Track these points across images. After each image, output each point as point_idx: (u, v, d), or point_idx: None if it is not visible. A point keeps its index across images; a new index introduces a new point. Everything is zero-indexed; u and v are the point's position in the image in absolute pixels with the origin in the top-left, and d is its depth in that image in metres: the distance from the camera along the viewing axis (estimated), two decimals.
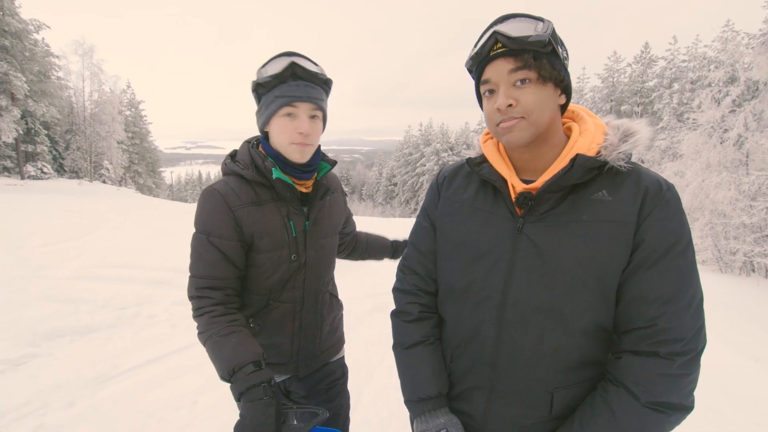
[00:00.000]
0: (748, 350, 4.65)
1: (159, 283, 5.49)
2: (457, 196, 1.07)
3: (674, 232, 0.84)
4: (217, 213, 1.22)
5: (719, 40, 20.56)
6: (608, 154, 0.88)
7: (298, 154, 1.25)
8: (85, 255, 6.26)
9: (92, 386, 2.99)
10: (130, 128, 34.30)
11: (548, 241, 0.90)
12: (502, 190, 0.97)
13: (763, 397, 3.30)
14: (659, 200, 0.85)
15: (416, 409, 1.07)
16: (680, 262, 0.84)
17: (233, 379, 1.12)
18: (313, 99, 1.23)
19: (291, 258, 1.32)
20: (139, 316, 4.44)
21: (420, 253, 1.14)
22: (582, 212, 0.88)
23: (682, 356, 0.82)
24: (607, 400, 0.87)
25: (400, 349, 1.14)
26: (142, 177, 35.94)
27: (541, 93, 0.88)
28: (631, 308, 0.87)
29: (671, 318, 0.83)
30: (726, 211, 11.50)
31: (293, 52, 1.23)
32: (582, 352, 0.92)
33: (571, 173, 0.87)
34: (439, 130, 45.06)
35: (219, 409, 2.78)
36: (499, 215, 0.97)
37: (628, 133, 0.91)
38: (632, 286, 0.86)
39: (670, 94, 22.71)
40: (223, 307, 1.24)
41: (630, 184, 0.88)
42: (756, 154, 11.35)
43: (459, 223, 1.04)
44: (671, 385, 0.82)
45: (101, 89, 28.67)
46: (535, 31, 0.85)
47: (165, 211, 12.24)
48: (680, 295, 0.83)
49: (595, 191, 0.89)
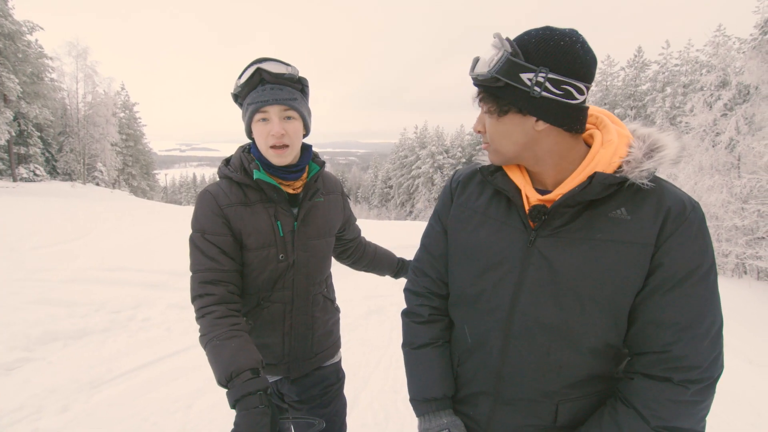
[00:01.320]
0: (742, 353, 4.70)
1: (154, 286, 5.45)
2: (470, 202, 1.06)
3: (695, 256, 0.81)
4: (209, 212, 1.28)
5: (711, 45, 20.79)
6: (630, 170, 0.84)
7: (276, 158, 1.27)
8: (80, 258, 6.22)
9: (87, 390, 2.96)
10: (124, 130, 34.10)
11: (560, 257, 0.88)
12: (515, 201, 0.95)
13: (756, 399, 3.34)
14: (681, 221, 0.81)
15: (421, 409, 1.08)
16: (700, 287, 0.81)
17: (230, 385, 1.10)
18: (282, 100, 1.23)
19: (279, 257, 1.33)
20: (134, 319, 4.41)
21: (432, 256, 1.14)
22: (598, 230, 0.85)
23: (696, 384, 0.81)
24: (616, 419, 0.86)
25: (409, 348, 1.14)
26: (136, 179, 35.72)
27: (500, 125, 0.89)
28: (646, 331, 0.85)
29: (687, 345, 0.81)
30: (718, 213, 11.62)
31: (262, 58, 1.25)
32: (589, 368, 0.90)
33: (588, 190, 0.84)
34: (434, 133, 45.19)
35: (215, 412, 2.77)
36: (511, 226, 0.96)
37: (654, 147, 0.86)
38: (648, 309, 0.84)
39: (663, 98, 22.95)
40: (225, 308, 1.24)
41: (651, 203, 0.84)
42: (747, 157, 11.49)
43: (471, 231, 1.03)
44: (683, 411, 0.81)
45: (95, 91, 28.50)
46: (488, 67, 0.86)
47: (159, 214, 12.17)
48: (698, 323, 0.81)
49: (613, 208, 0.85)
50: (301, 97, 1.30)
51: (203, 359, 3.61)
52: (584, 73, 0.83)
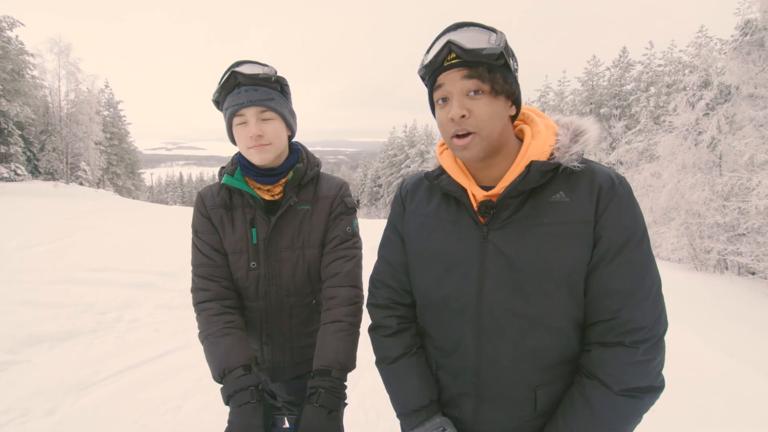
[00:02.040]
0: (724, 345, 4.82)
1: (141, 286, 5.39)
2: (420, 209, 1.08)
3: (628, 226, 0.88)
4: (198, 212, 1.35)
5: (693, 46, 21.23)
6: (561, 155, 0.91)
7: (257, 157, 1.25)
8: (65, 258, 6.11)
9: (73, 393, 2.93)
10: (109, 129, 33.45)
11: (513, 246, 0.92)
12: (463, 201, 0.98)
13: (738, 390, 3.44)
14: (612, 196, 0.88)
15: (411, 422, 1.06)
16: (636, 254, 0.87)
17: (224, 381, 1.15)
18: (257, 102, 1.21)
19: (250, 265, 1.31)
20: (121, 320, 4.36)
21: (391, 266, 1.14)
22: (543, 215, 0.91)
23: (645, 343, 0.86)
24: (584, 393, 0.91)
25: (384, 364, 1.13)
26: (121, 179, 35.09)
27: (493, 105, 0.90)
28: (596, 302, 0.90)
29: (633, 309, 0.87)
30: (701, 210, 11.88)
31: (240, 62, 1.25)
32: (560, 349, 0.95)
33: (528, 179, 0.89)
34: (423, 132, 45.31)
35: (205, 413, 2.76)
36: (464, 225, 0.98)
37: (578, 132, 0.93)
38: (595, 281, 0.90)
39: (647, 98, 23.33)
40: (219, 305, 1.27)
41: (585, 183, 0.90)
42: (728, 155, 11.75)
43: (426, 236, 1.05)
44: (639, 371, 0.86)
45: (78, 89, 27.90)
46: (489, 43, 0.86)
47: (146, 214, 12.01)
48: (639, 287, 0.87)
49: (552, 193, 0.91)
50: (279, 96, 1.28)
51: (192, 359, 3.60)
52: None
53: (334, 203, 1.37)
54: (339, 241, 1.34)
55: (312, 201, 1.35)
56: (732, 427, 2.85)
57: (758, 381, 3.74)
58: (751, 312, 6.82)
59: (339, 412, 1.15)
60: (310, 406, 1.11)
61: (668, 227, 12.79)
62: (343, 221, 1.36)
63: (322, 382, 1.15)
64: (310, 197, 1.36)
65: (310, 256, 1.34)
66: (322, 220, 1.35)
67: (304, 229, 1.33)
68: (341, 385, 1.17)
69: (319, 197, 1.36)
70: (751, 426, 2.88)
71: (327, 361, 1.18)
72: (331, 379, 1.16)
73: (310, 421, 1.09)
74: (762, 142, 9.42)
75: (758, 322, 6.25)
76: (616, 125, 23.17)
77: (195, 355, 3.53)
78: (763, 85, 10.87)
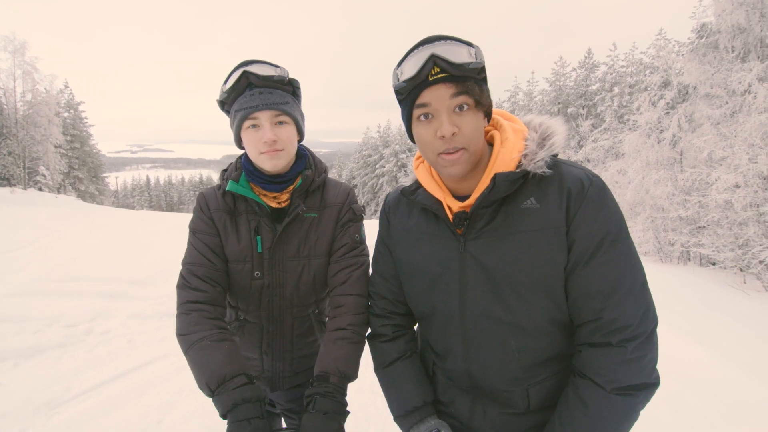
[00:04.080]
0: (692, 335, 5.04)
1: (112, 296, 5.16)
2: (403, 223, 1.10)
3: (601, 227, 0.87)
4: (200, 212, 1.28)
5: (654, 47, 22.20)
6: (528, 163, 0.91)
7: (269, 163, 1.19)
8: (26, 269, 5.78)
9: (44, 412, 2.76)
10: (69, 131, 31.92)
11: (489, 255, 0.93)
12: (439, 213, 0.99)
13: (706, 375, 3.60)
14: (582, 199, 0.88)
15: (406, 423, 1.10)
16: (612, 253, 0.87)
17: (220, 391, 1.02)
18: (272, 105, 1.16)
19: (254, 275, 1.26)
20: (91, 332, 4.15)
21: (384, 278, 1.18)
22: (515, 224, 0.91)
23: (633, 341, 0.86)
24: (578, 393, 0.92)
25: (381, 369, 1.17)
26: (84, 183, 33.55)
27: (477, 120, 0.90)
28: (578, 304, 0.91)
29: (615, 309, 0.87)
30: (664, 205, 12.43)
31: (249, 61, 1.18)
32: (546, 349, 0.97)
33: (495, 190, 0.89)
34: (397, 132, 45.43)
35: (187, 425, 2.66)
36: (443, 237, 1.00)
37: (546, 136, 0.94)
38: (575, 283, 0.90)
39: (612, 98, 24.20)
40: (213, 309, 1.18)
41: (554, 188, 0.90)
42: (689, 152, 12.34)
43: (410, 249, 1.07)
44: (630, 369, 0.87)
45: (35, 89, 26.45)
46: (471, 57, 0.86)
47: (112, 219, 11.52)
48: (619, 285, 0.87)
49: (524, 200, 0.92)
50: (292, 100, 1.23)
51: (171, 370, 3.46)
52: None
53: (342, 211, 1.33)
54: (347, 249, 1.30)
55: (319, 208, 1.31)
56: (701, 412, 2.98)
57: (724, 367, 3.93)
58: (715, 301, 7.17)
59: (338, 413, 1.08)
60: (308, 413, 1.07)
61: (635, 222, 13.29)
62: (351, 229, 1.32)
63: (318, 389, 1.11)
64: (317, 204, 1.31)
65: (316, 266, 1.30)
66: (329, 228, 1.31)
67: (310, 238, 1.29)
68: (339, 390, 1.12)
69: (327, 204, 1.32)
70: (721, 413, 3.02)
71: (326, 368, 1.14)
72: (328, 385, 1.11)
73: (310, 429, 1.04)
74: (719, 139, 9.93)
75: (722, 310, 6.57)
76: (582, 124, 23.95)
77: (173, 366, 3.40)
78: (719, 85, 11.47)
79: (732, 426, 2.80)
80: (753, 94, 9.58)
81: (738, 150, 9.01)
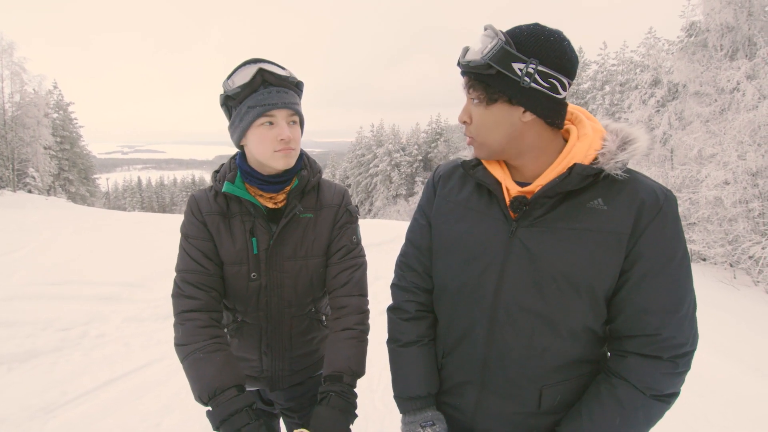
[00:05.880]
0: None
1: (107, 299, 5.11)
2: (452, 195, 1.08)
3: (672, 244, 0.88)
4: (191, 216, 1.26)
5: (644, 46, 22.40)
6: (605, 161, 0.89)
7: (284, 161, 1.20)
8: (18, 273, 5.71)
9: (40, 417, 2.73)
10: (59, 132, 31.50)
11: (540, 246, 0.92)
12: (496, 194, 0.98)
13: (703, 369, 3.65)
14: (656, 212, 0.87)
15: (405, 406, 1.11)
16: (678, 272, 0.88)
17: (213, 403, 1.06)
18: (289, 104, 1.17)
19: (250, 276, 1.26)
20: (86, 336, 4.11)
21: (417, 249, 1.15)
22: (576, 220, 0.90)
23: (683, 357, 0.90)
24: (615, 393, 0.92)
25: (394, 345, 1.15)
26: (74, 185, 33.15)
27: (488, 114, 0.90)
28: (636, 318, 0.91)
29: (674, 328, 0.88)
30: None
31: (258, 59, 1.18)
32: (571, 352, 0.96)
33: (567, 180, 0.88)
34: (390, 131, 45.46)
35: (185, 428, 2.65)
36: (493, 217, 0.98)
37: (627, 140, 0.91)
38: (634, 296, 0.90)
39: (603, 96, 24.43)
40: (208, 317, 1.19)
41: (626, 194, 0.89)
42: (679, 149, 12.49)
43: (453, 223, 1.05)
44: (673, 381, 0.91)
45: (24, 90, 26.10)
46: (482, 54, 0.87)
47: (104, 221, 11.41)
48: (680, 305, 0.88)
49: (590, 199, 0.90)
50: (299, 102, 1.25)
51: (168, 373, 3.45)
52: (569, 69, 0.89)
53: (338, 212, 1.34)
54: (346, 251, 1.33)
55: (315, 208, 1.32)
56: (697, 406, 3.03)
57: (718, 361, 3.99)
58: (706, 296, 7.27)
59: (349, 414, 1.12)
60: (321, 406, 1.11)
61: None
62: (349, 230, 1.35)
63: (333, 387, 1.14)
64: (313, 204, 1.32)
65: (313, 266, 1.31)
66: (326, 228, 1.32)
67: (307, 238, 1.29)
68: (352, 391, 1.16)
69: (323, 205, 1.33)
70: (716, 406, 3.07)
71: (339, 367, 1.18)
72: (342, 385, 1.15)
73: (322, 421, 1.07)
74: (709, 136, 10.07)
75: (714, 305, 6.67)
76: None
77: (170, 369, 3.39)
78: (708, 83, 11.62)
79: (726, 418, 2.85)
80: (741, 91, 9.73)
81: (727, 147, 9.14)
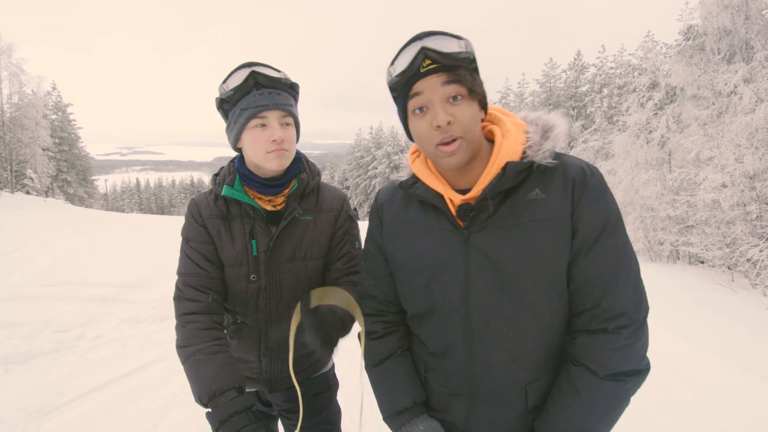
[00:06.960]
0: (681, 331, 5.12)
1: (103, 300, 5.11)
2: (398, 218, 1.07)
3: (602, 215, 0.90)
4: (192, 220, 1.27)
5: (642, 49, 22.48)
6: (533, 153, 0.91)
7: (276, 162, 1.19)
8: (15, 273, 5.69)
9: (36, 418, 2.73)
10: (57, 133, 31.46)
11: (496, 247, 0.92)
12: (441, 207, 0.97)
13: (696, 371, 3.66)
14: (585, 188, 0.90)
15: (396, 423, 1.07)
16: (612, 241, 0.89)
17: (212, 404, 1.07)
18: (281, 106, 1.18)
19: (250, 278, 1.27)
20: (83, 337, 4.10)
21: (374, 278, 1.15)
22: (522, 214, 0.91)
23: (627, 328, 0.89)
24: (571, 381, 0.93)
25: (371, 367, 1.14)
26: (72, 186, 33.09)
27: (472, 109, 0.91)
28: (580, 292, 0.92)
29: (613, 296, 0.89)
30: (653, 205, 12.61)
31: (252, 62, 1.19)
32: (549, 346, 0.97)
33: (504, 179, 0.90)
34: (389, 133, 45.48)
35: (183, 430, 2.64)
36: (444, 230, 0.98)
37: (548, 128, 0.94)
38: (577, 271, 0.91)
39: (601, 99, 24.46)
40: (209, 319, 1.20)
41: (559, 178, 0.91)
42: (677, 152, 12.53)
43: (407, 246, 1.04)
44: (622, 356, 0.89)
45: (22, 91, 26.05)
46: (461, 48, 0.88)
47: (101, 223, 11.39)
48: (618, 273, 0.89)
49: (528, 191, 0.92)
50: (294, 103, 1.25)
51: (165, 375, 3.44)
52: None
53: (339, 217, 1.36)
54: (349, 258, 1.36)
55: (314, 211, 1.32)
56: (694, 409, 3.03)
57: (715, 363, 4.00)
58: (704, 299, 7.28)
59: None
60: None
61: (625, 221, 13.45)
62: (351, 238, 1.38)
63: None
64: (312, 207, 1.33)
65: (313, 268, 1.32)
66: (325, 231, 1.33)
67: (306, 240, 1.30)
68: None
69: (322, 208, 1.34)
70: (713, 408, 3.08)
71: None
72: None
73: None
74: (706, 139, 10.10)
75: (711, 307, 6.68)
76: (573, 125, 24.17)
77: (167, 370, 3.38)
78: (706, 86, 11.67)
79: (723, 421, 2.86)
80: (739, 95, 9.77)
81: (725, 150, 9.17)
